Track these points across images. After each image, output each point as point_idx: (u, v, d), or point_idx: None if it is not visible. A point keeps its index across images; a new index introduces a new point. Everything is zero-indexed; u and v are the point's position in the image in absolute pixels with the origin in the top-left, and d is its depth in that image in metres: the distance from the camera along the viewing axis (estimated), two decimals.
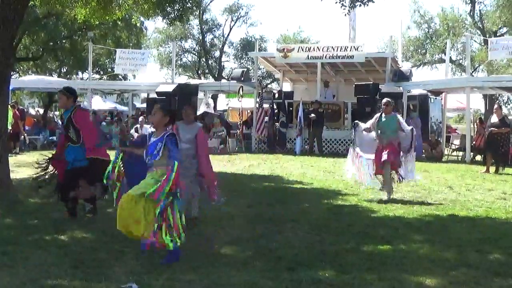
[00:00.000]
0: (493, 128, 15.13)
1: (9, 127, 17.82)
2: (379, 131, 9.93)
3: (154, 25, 42.69)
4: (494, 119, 15.30)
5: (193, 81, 28.80)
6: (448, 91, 21.92)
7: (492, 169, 14.96)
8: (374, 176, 10.06)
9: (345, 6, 11.56)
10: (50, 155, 8.18)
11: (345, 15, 11.83)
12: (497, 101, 32.81)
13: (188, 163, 7.64)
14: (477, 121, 21.48)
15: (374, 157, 9.94)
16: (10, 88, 12.90)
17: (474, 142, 19.23)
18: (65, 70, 35.88)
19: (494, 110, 15.94)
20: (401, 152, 9.96)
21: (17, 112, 20.30)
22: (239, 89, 22.32)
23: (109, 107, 33.80)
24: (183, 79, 39.42)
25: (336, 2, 11.50)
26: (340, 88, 24.67)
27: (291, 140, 21.41)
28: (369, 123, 10.17)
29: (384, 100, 10.22)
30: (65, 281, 5.03)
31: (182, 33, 43.62)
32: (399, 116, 10.22)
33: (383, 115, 9.99)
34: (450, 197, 10.32)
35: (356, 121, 10.63)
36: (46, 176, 8.24)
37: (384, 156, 9.68)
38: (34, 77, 29.85)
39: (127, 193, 5.76)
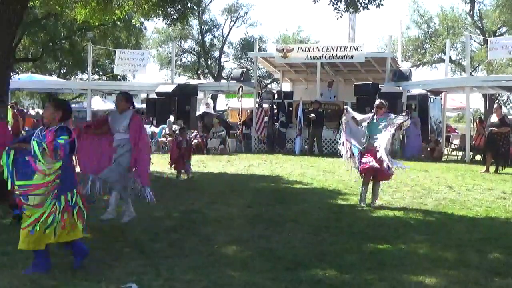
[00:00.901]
0: (493, 128, 15.12)
1: (9, 128, 17.81)
2: (367, 134, 9.19)
3: (154, 26, 42.72)
4: (494, 118, 15.29)
5: (193, 82, 28.80)
6: (448, 91, 21.93)
7: (492, 168, 14.95)
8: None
9: (339, 10, 11.73)
10: None
11: (338, 18, 12.00)
12: (497, 101, 32.85)
13: (120, 153, 7.46)
14: (477, 120, 21.49)
15: (363, 157, 9.18)
16: (10, 88, 12.91)
17: (473, 142, 19.24)
18: (64, 70, 35.92)
19: (494, 110, 15.94)
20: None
21: (16, 112, 20.27)
22: (239, 89, 22.32)
23: (109, 108, 33.79)
24: (182, 79, 39.44)
25: (329, 4, 11.64)
26: (339, 88, 24.69)
27: (291, 140, 21.43)
28: (359, 116, 9.51)
29: (377, 101, 9.54)
30: (64, 282, 5.02)
31: (182, 33, 43.65)
32: (390, 116, 9.32)
33: (375, 117, 9.31)
34: (449, 196, 10.32)
35: (346, 107, 9.95)
36: None
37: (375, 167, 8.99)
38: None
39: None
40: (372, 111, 9.51)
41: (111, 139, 7.68)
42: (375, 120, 9.29)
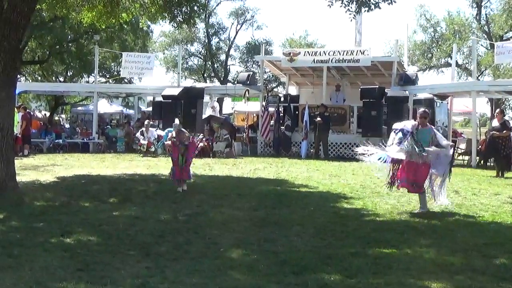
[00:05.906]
0: (494, 132, 15.33)
1: (18, 130, 17.90)
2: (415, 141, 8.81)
3: (160, 29, 42.75)
4: (495, 123, 15.58)
5: (199, 85, 28.84)
6: (454, 95, 21.88)
7: (495, 172, 15.07)
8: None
9: (351, 11, 11.55)
10: None
11: (351, 20, 11.82)
12: (503, 105, 32.81)
13: None
14: None
15: (402, 168, 9.03)
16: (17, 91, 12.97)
17: (480, 147, 19.21)
18: (71, 73, 35.99)
19: (495, 115, 16.30)
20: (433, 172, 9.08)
21: (27, 114, 20.38)
22: (245, 93, 22.34)
23: (115, 110, 33.88)
24: (189, 82, 39.54)
25: (341, 6, 11.49)
26: (346, 91, 24.69)
27: (297, 143, 21.40)
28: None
29: (421, 111, 9.27)
30: (70, 284, 5.03)
31: (188, 36, 43.70)
32: (434, 129, 9.35)
33: (419, 127, 8.97)
34: (456, 201, 10.28)
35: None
36: None
37: (420, 179, 8.95)
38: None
39: None
40: (417, 120, 9.18)
41: None
42: (418, 130, 8.94)
